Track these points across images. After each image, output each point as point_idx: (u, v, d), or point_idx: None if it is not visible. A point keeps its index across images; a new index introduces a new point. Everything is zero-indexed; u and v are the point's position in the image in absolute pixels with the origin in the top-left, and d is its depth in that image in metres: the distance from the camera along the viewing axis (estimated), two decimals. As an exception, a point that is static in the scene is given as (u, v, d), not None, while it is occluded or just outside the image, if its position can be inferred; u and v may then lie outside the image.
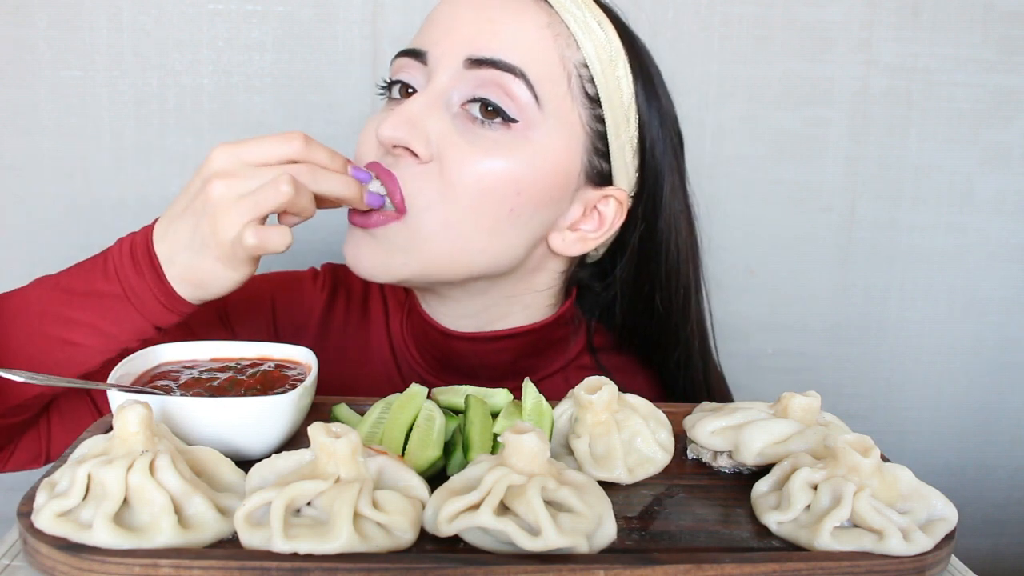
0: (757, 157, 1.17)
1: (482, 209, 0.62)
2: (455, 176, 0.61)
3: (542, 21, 0.64)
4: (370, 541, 0.41)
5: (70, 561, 0.40)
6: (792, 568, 0.42)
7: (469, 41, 0.63)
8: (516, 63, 0.62)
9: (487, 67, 0.62)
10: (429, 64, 0.64)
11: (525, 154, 0.62)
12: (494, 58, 0.62)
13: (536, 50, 0.63)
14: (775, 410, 0.56)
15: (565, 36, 0.65)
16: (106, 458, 0.43)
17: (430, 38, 0.65)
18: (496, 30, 0.63)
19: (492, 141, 0.62)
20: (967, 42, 1.16)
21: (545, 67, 0.63)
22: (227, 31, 1.07)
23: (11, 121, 1.07)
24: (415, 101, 0.62)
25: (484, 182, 0.61)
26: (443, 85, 0.63)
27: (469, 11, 0.64)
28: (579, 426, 0.54)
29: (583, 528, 0.42)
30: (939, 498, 0.47)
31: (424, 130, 0.61)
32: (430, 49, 0.64)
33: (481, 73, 0.62)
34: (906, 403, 1.27)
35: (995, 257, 1.23)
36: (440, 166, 0.61)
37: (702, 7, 1.12)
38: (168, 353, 0.61)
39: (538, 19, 0.64)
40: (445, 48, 0.63)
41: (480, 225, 0.63)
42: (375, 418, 0.56)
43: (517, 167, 0.62)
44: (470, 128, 0.62)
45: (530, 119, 0.62)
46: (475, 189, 0.61)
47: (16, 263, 1.10)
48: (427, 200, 0.62)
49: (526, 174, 0.63)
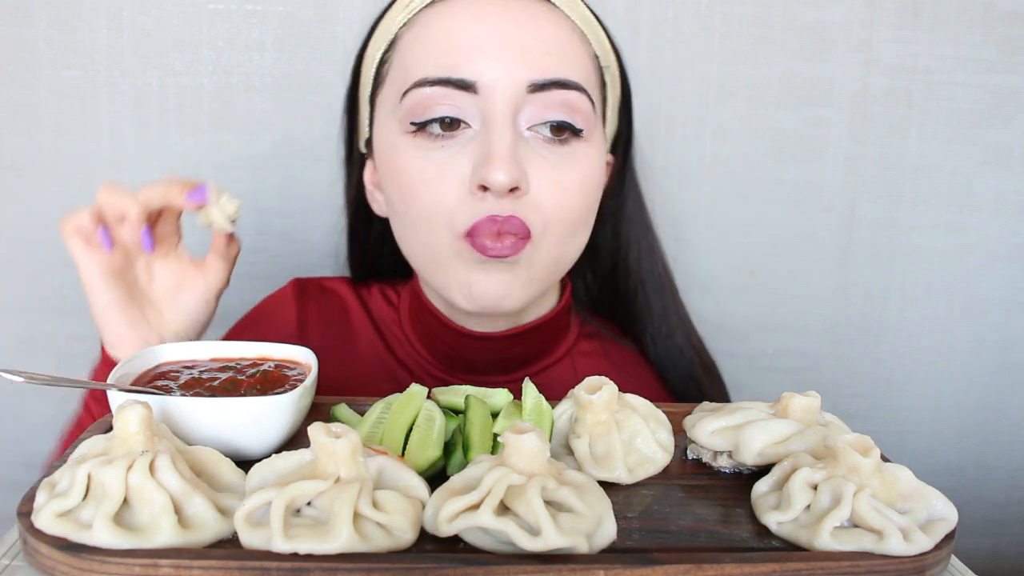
0: (757, 157, 1.17)
1: (573, 219, 0.66)
2: (553, 199, 0.64)
3: (570, 26, 0.66)
4: (370, 541, 0.41)
5: (70, 561, 0.40)
6: (792, 568, 0.42)
7: (529, 65, 0.62)
8: (576, 79, 0.64)
9: (552, 88, 0.63)
10: (481, 93, 0.62)
11: (594, 156, 0.67)
12: (558, 79, 0.63)
13: (580, 58, 0.66)
14: (775, 410, 0.56)
15: (581, 35, 0.67)
16: (106, 458, 0.43)
17: (476, 66, 0.62)
18: (549, 49, 0.63)
19: (570, 156, 0.65)
20: (967, 42, 1.16)
21: (589, 73, 0.67)
22: (227, 31, 1.07)
23: (11, 121, 1.07)
24: (501, 138, 0.61)
25: (575, 196, 0.65)
26: (510, 113, 0.62)
27: (516, 32, 0.63)
28: (579, 426, 0.54)
29: (583, 528, 0.42)
30: (939, 498, 0.47)
31: (519, 163, 0.62)
32: (479, 78, 0.62)
33: (547, 96, 0.63)
34: (906, 403, 1.27)
35: (995, 257, 1.23)
36: (538, 194, 0.63)
37: (702, 7, 1.12)
38: (168, 353, 0.61)
39: (570, 26, 0.66)
40: (501, 75, 0.62)
41: (575, 232, 0.68)
42: (375, 418, 0.56)
43: (592, 170, 0.67)
44: (548, 148, 0.64)
45: (590, 127, 0.66)
46: (569, 203, 0.65)
47: (16, 263, 1.10)
48: (540, 227, 0.64)
49: (596, 172, 0.68)
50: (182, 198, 0.63)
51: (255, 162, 1.11)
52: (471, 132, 0.63)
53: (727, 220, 1.18)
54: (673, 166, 1.16)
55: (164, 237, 0.67)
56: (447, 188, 0.63)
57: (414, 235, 0.67)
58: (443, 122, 0.64)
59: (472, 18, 0.63)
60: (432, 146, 0.64)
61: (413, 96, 0.63)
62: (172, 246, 0.68)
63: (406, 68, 0.65)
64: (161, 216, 0.66)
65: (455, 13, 0.64)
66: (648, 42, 1.12)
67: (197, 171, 1.10)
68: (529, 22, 0.63)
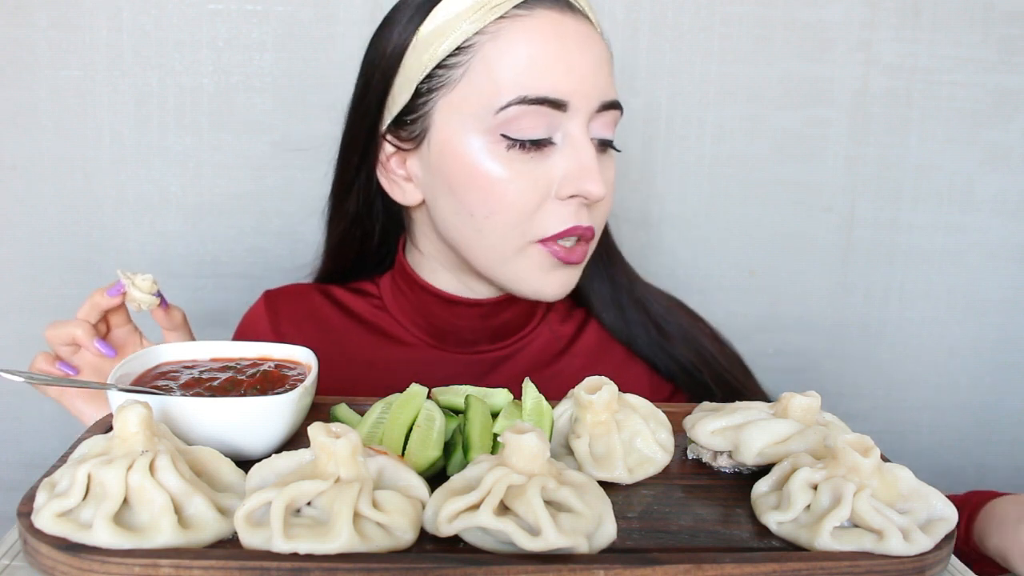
0: (757, 157, 1.17)
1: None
2: (605, 206, 0.74)
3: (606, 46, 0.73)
4: (370, 541, 0.41)
5: (70, 561, 0.40)
6: (792, 568, 0.42)
7: (603, 88, 0.70)
8: (617, 98, 0.72)
9: (611, 109, 0.71)
10: (570, 111, 0.68)
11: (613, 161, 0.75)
12: (615, 99, 0.71)
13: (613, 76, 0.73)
14: (775, 410, 0.56)
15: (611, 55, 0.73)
16: (106, 458, 0.43)
17: (566, 87, 0.67)
18: (606, 69, 0.71)
19: (609, 162, 0.73)
20: (967, 42, 1.16)
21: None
22: (227, 31, 1.07)
23: (11, 121, 1.07)
24: (590, 154, 0.69)
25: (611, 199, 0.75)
26: (586, 130, 0.70)
27: (591, 55, 0.69)
28: (579, 426, 0.54)
29: (583, 528, 0.42)
30: (939, 498, 0.47)
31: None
32: (570, 99, 0.68)
33: (607, 115, 0.71)
34: (906, 403, 1.27)
35: (995, 257, 1.23)
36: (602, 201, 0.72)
37: (702, 7, 1.12)
38: (168, 353, 0.61)
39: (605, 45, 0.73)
40: (583, 95, 0.68)
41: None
42: (375, 418, 0.56)
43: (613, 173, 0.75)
44: (602, 160, 0.71)
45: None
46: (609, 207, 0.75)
47: (16, 263, 1.10)
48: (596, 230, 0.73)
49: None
50: (101, 297, 0.70)
51: (255, 162, 1.11)
52: (555, 145, 0.69)
53: (727, 220, 1.18)
54: (673, 166, 1.16)
55: (126, 337, 0.75)
56: (534, 195, 0.69)
57: (487, 234, 0.71)
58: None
59: (558, 38, 0.68)
60: (523, 157, 0.68)
61: (511, 112, 0.67)
62: (136, 344, 0.75)
63: (496, 81, 0.67)
64: (108, 324, 0.73)
65: (541, 30, 0.68)
66: (648, 42, 1.12)
67: (197, 171, 1.10)
68: (592, 43, 0.70)
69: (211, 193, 1.11)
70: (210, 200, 1.11)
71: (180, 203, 1.11)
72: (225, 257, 1.13)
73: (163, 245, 1.11)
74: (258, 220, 1.12)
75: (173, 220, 1.11)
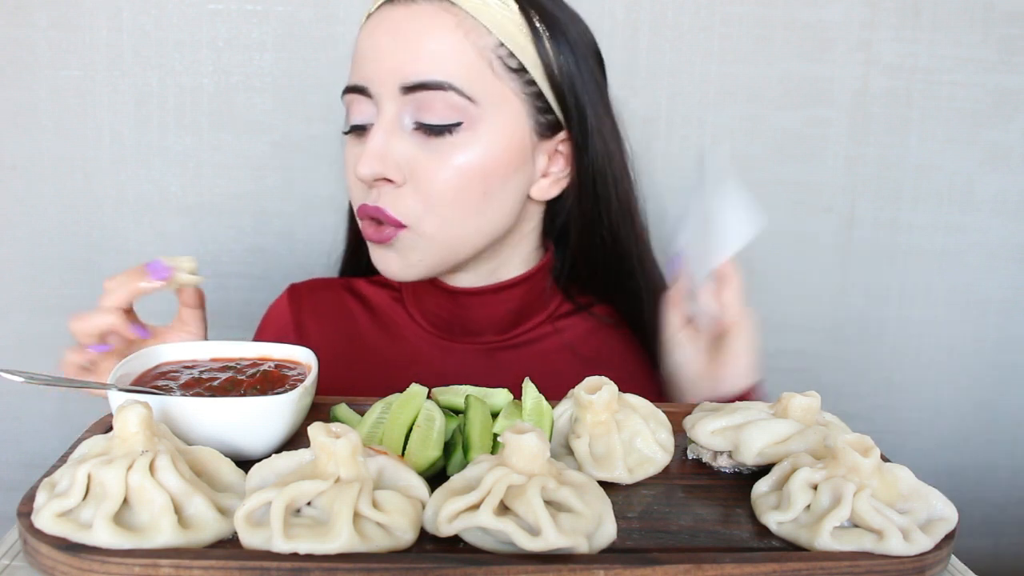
0: (757, 157, 1.17)
1: (461, 202, 0.71)
2: (428, 187, 0.70)
3: (451, 24, 0.69)
4: (370, 541, 0.41)
5: (70, 561, 0.40)
6: (792, 568, 0.42)
7: (397, 70, 0.69)
8: (442, 78, 0.68)
9: (419, 90, 0.69)
10: (374, 96, 0.71)
11: (478, 145, 0.70)
12: (422, 81, 0.68)
13: (454, 55, 0.69)
14: (775, 410, 0.56)
15: (474, 27, 0.69)
16: (106, 458, 0.43)
17: (365, 73, 0.71)
18: (416, 52, 0.69)
19: (448, 146, 0.70)
20: (967, 42, 1.16)
21: (467, 67, 0.69)
22: (227, 31, 1.07)
23: (11, 121, 1.07)
24: (375, 136, 0.70)
25: (452, 182, 0.70)
26: (393, 113, 0.70)
27: (388, 39, 0.70)
28: (579, 426, 0.54)
29: (583, 528, 0.42)
30: (939, 498, 0.47)
31: (393, 158, 0.70)
32: (368, 84, 0.70)
33: (417, 96, 0.69)
34: (906, 403, 1.27)
35: (995, 257, 1.23)
36: (415, 183, 0.70)
37: (702, 7, 1.12)
38: (168, 353, 0.61)
39: (447, 23, 0.69)
40: (380, 80, 0.70)
41: (467, 213, 0.72)
42: (375, 418, 0.56)
43: (475, 158, 0.70)
44: (427, 142, 0.70)
45: (472, 117, 0.70)
46: (449, 190, 0.70)
47: (16, 263, 1.10)
48: (417, 213, 0.71)
49: (485, 160, 0.71)
50: (145, 282, 0.68)
51: (255, 162, 1.11)
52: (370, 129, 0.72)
53: (727, 220, 1.18)
54: (673, 166, 1.15)
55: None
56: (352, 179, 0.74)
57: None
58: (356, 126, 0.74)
59: (376, 28, 0.71)
60: (354, 142, 0.74)
61: (344, 102, 0.74)
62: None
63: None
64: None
65: (371, 23, 0.72)
66: (648, 42, 1.12)
67: (197, 171, 1.10)
68: (408, 30, 0.69)
69: (211, 193, 1.11)
70: (210, 200, 1.11)
71: (180, 203, 1.11)
72: (225, 257, 1.13)
73: (163, 245, 1.11)
74: (258, 220, 1.12)
75: (173, 220, 1.11)
